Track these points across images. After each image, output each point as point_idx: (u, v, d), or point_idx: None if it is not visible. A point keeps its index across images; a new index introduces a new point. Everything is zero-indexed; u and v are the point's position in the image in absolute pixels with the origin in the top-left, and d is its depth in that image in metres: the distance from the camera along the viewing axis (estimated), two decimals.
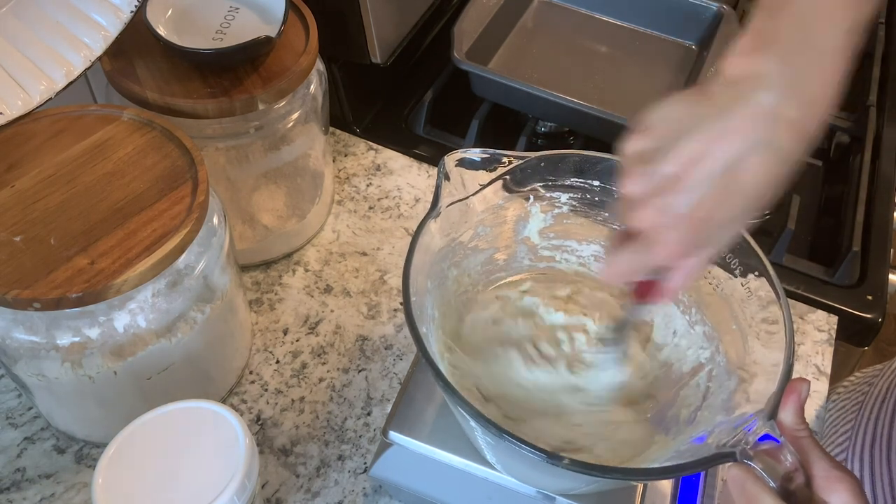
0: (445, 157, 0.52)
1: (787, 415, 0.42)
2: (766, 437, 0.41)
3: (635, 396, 0.54)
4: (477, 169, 0.52)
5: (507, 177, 0.53)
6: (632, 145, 0.42)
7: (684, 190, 0.40)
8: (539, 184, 0.55)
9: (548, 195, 0.55)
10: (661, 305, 0.55)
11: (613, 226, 0.56)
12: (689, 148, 0.39)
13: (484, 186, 0.53)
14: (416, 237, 0.48)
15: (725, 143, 0.38)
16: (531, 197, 0.55)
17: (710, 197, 0.39)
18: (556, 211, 0.56)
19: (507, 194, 0.54)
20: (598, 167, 0.54)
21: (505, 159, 0.53)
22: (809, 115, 0.39)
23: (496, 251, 0.57)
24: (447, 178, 0.51)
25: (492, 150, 0.53)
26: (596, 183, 0.54)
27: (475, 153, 0.52)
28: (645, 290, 0.48)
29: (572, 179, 0.55)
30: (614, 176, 0.53)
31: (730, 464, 0.40)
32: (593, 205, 0.55)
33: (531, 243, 0.58)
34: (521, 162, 0.53)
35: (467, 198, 0.52)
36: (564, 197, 0.55)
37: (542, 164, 0.54)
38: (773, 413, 0.42)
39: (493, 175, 0.53)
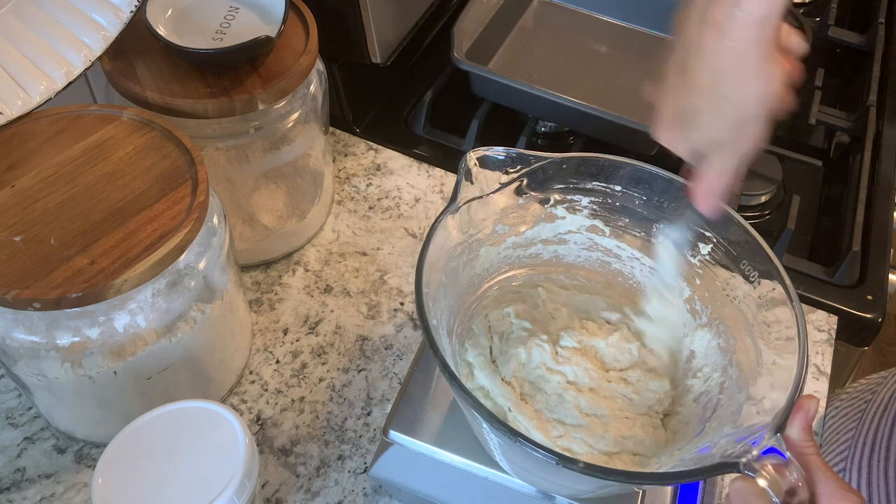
0: (467, 153, 0.51)
1: (794, 430, 0.41)
2: (772, 451, 0.40)
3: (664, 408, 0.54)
4: (498, 167, 0.52)
5: (528, 177, 0.53)
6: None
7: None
8: (560, 185, 0.54)
9: (568, 198, 0.55)
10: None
11: (634, 233, 0.55)
12: None
13: (504, 185, 0.52)
14: (432, 230, 0.48)
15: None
16: (551, 199, 0.54)
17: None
18: (581, 214, 0.56)
19: (527, 194, 0.53)
20: (621, 171, 0.53)
21: (527, 159, 0.52)
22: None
23: (514, 249, 0.57)
24: (468, 175, 0.51)
25: (515, 150, 0.52)
26: (618, 188, 0.54)
27: (498, 151, 0.52)
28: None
29: (594, 183, 0.54)
30: (638, 182, 0.53)
31: (733, 476, 0.40)
32: (614, 210, 0.55)
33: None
34: (543, 162, 0.52)
35: (487, 195, 0.52)
36: (585, 200, 0.55)
37: (565, 166, 0.53)
38: (780, 427, 0.41)
39: (514, 174, 0.52)
